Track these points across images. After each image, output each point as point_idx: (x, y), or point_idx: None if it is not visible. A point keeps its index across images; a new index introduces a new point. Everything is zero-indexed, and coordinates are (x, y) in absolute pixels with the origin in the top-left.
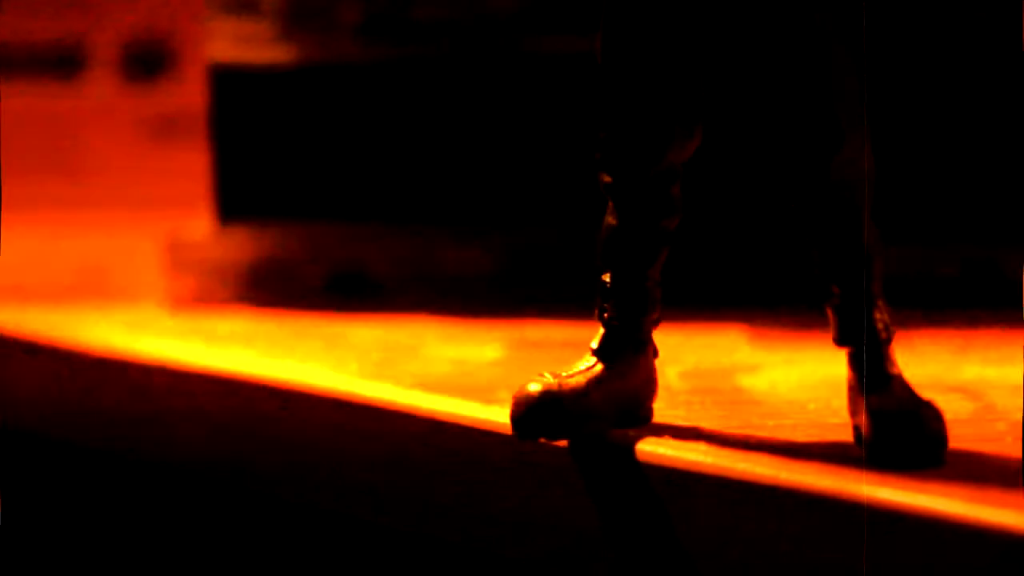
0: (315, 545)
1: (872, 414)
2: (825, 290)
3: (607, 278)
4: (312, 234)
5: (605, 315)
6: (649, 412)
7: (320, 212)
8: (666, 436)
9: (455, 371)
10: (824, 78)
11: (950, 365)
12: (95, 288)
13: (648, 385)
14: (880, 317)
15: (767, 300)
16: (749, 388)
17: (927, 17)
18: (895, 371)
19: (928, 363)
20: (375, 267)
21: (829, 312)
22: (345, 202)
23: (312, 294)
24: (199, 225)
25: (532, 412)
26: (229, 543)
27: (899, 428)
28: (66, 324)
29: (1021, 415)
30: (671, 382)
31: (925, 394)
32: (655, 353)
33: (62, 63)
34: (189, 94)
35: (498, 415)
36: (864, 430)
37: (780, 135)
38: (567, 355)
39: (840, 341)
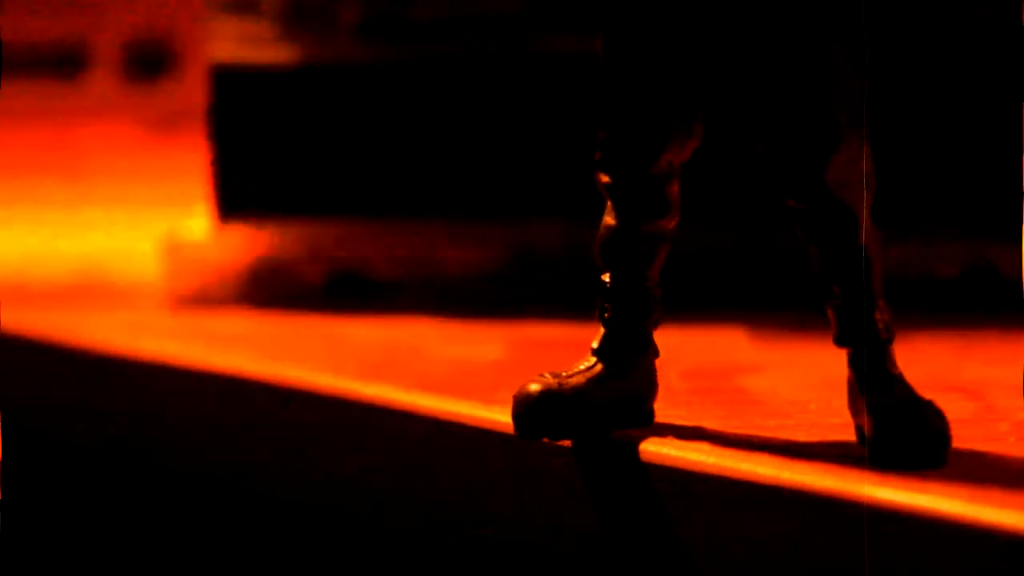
0: (315, 545)
1: (874, 414)
2: (825, 290)
3: (607, 278)
4: (312, 233)
5: (606, 315)
6: (651, 412)
7: (320, 211)
8: (668, 436)
9: (455, 371)
10: (823, 78)
11: (950, 365)
12: (95, 288)
13: (649, 385)
14: (880, 317)
15: (767, 300)
16: (750, 388)
17: (927, 17)
18: (896, 371)
19: (928, 363)
20: (375, 267)
21: (829, 312)
22: (345, 201)
23: (312, 294)
24: (199, 224)
25: (533, 411)
26: (229, 543)
27: (901, 428)
28: (66, 324)
29: (1022, 415)
30: (672, 382)
31: (926, 394)
32: (656, 353)
33: (63, 63)
34: (189, 94)
35: (499, 415)
36: (866, 430)
37: (779, 135)
38: (567, 355)
39: (840, 341)
